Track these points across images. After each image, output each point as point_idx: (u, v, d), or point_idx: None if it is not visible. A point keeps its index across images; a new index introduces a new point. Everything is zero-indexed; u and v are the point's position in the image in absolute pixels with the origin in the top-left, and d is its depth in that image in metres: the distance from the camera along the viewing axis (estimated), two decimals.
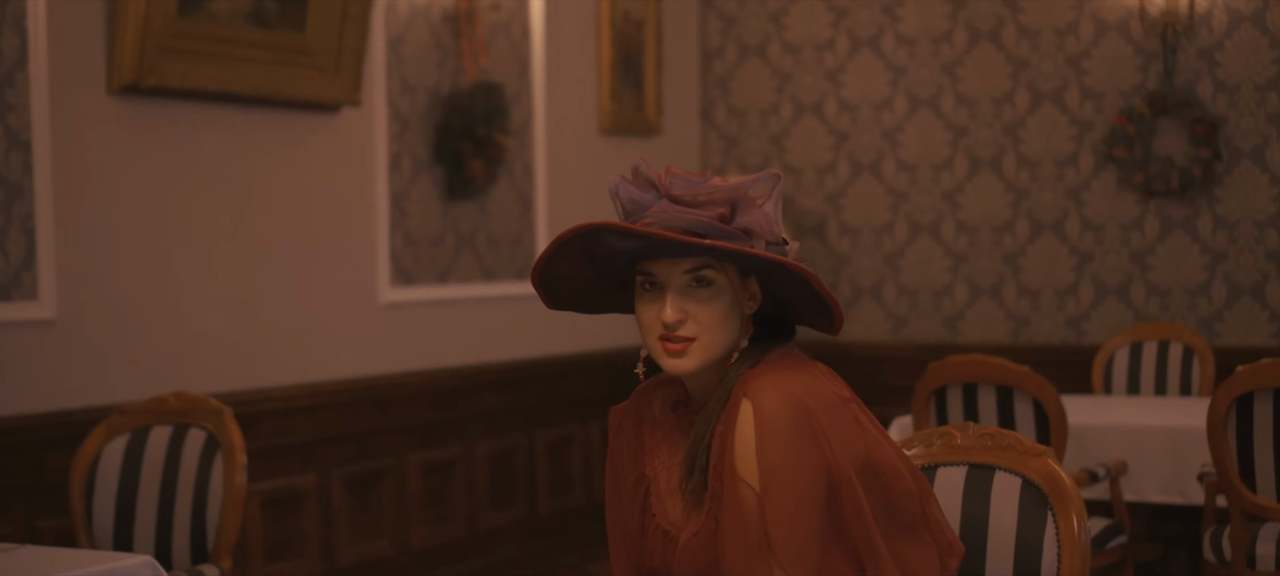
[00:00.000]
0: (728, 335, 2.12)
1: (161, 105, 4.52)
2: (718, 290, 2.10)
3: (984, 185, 6.32)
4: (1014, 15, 6.22)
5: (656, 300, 2.10)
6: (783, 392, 2.04)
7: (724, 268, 2.10)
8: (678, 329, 2.09)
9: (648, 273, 2.11)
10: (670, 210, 2.06)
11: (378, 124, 5.24)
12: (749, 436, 2.04)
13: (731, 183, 2.09)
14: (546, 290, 2.20)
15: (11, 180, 4.14)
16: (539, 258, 2.13)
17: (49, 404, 4.25)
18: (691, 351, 2.10)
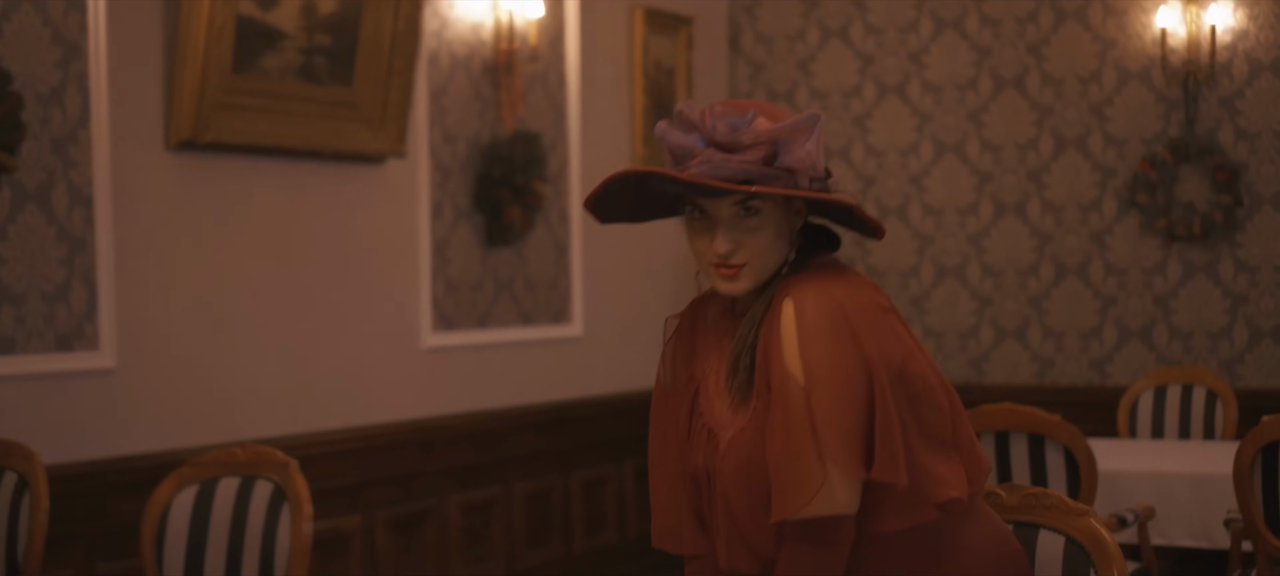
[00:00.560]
0: (776, 256, 2.22)
1: (216, 159, 4.67)
2: (764, 218, 2.19)
3: (1009, 229, 6.45)
4: (1038, 63, 6.36)
5: (706, 231, 2.20)
6: (822, 295, 2.14)
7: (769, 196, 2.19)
8: (730, 258, 2.19)
9: (697, 204, 2.21)
10: (715, 158, 2.16)
11: (421, 174, 5.38)
12: (792, 335, 2.14)
13: (773, 125, 2.18)
14: (598, 212, 2.31)
15: (74, 234, 4.29)
16: (590, 194, 2.25)
17: (109, 450, 4.39)
18: (743, 275, 2.21)
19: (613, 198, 2.27)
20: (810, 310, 2.14)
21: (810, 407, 2.11)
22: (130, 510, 4.36)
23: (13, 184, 4.13)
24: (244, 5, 4.58)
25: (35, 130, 4.17)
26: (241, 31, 4.59)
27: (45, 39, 4.20)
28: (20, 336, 4.17)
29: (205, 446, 4.56)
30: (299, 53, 4.82)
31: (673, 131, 2.21)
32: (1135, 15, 6.16)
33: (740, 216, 2.19)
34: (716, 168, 2.15)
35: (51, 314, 4.24)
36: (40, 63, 4.19)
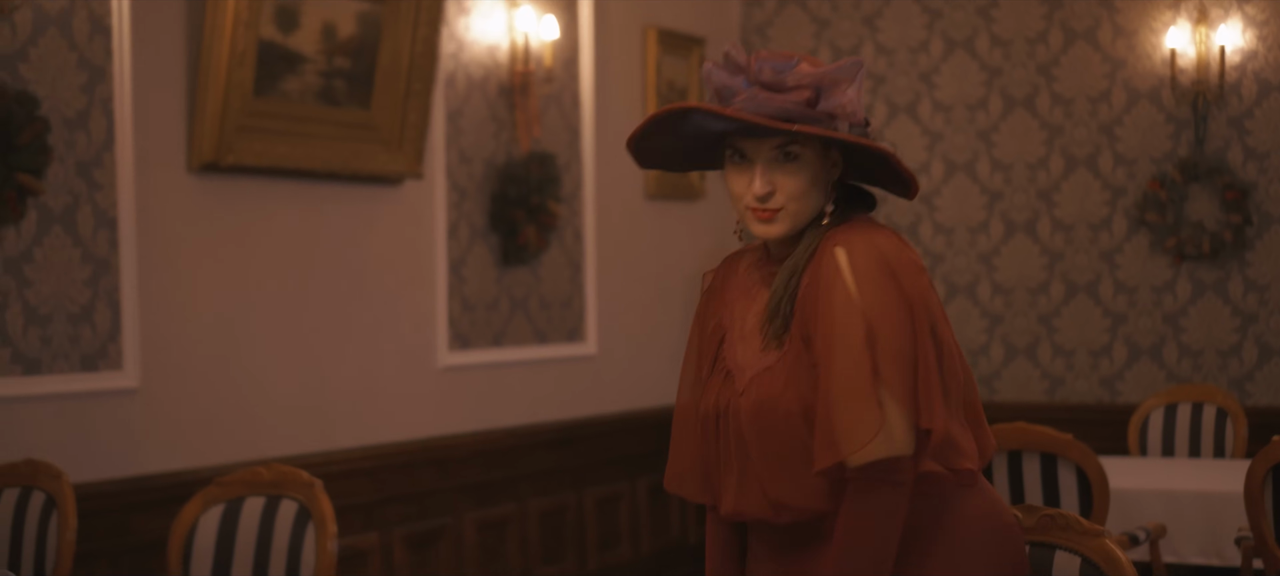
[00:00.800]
0: (813, 203, 2.27)
1: (237, 182, 4.74)
2: (803, 164, 2.24)
3: (1019, 248, 6.50)
4: (1048, 84, 6.41)
5: (746, 173, 2.25)
6: (870, 244, 2.20)
7: (809, 143, 2.24)
8: (767, 201, 2.24)
9: (737, 147, 2.26)
10: (759, 96, 2.20)
11: (437, 194, 5.44)
12: (844, 280, 2.18)
13: (817, 69, 2.23)
14: (639, 156, 2.36)
15: (99, 256, 4.35)
16: (634, 131, 2.29)
17: (132, 469, 4.45)
18: (779, 219, 2.25)
19: (653, 140, 2.32)
20: (860, 256, 2.19)
21: (872, 348, 2.16)
22: (153, 528, 4.42)
23: (39, 207, 4.19)
24: (265, 29, 4.65)
25: (61, 154, 4.23)
26: (263, 55, 4.65)
27: (71, 64, 4.27)
28: (46, 356, 4.22)
29: (225, 464, 4.62)
30: (319, 76, 4.88)
31: (718, 71, 2.25)
32: (1145, 36, 6.22)
33: (779, 160, 2.24)
34: (759, 105, 2.20)
35: (76, 334, 4.29)
36: (66, 87, 4.25)
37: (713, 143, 2.32)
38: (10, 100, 4.02)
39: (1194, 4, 6.10)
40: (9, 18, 4.10)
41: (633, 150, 2.35)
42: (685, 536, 6.67)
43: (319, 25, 4.85)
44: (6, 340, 4.14)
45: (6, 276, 4.13)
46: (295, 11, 4.77)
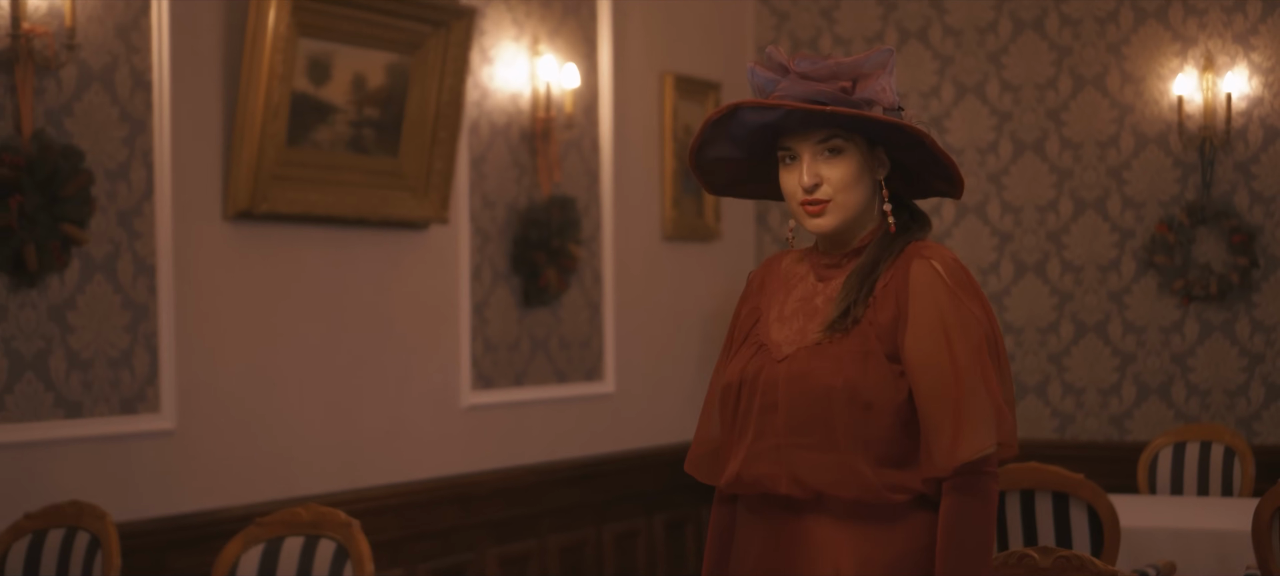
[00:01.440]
0: (860, 196, 2.42)
1: (271, 229, 4.88)
2: (848, 156, 2.40)
3: (1029, 288, 6.63)
4: (1057, 128, 6.55)
5: (795, 169, 2.41)
6: (955, 260, 2.41)
7: (852, 137, 2.39)
8: (814, 192, 2.39)
9: (787, 147, 2.41)
10: (798, 85, 2.37)
11: (461, 238, 5.58)
12: (951, 291, 2.36)
13: (852, 59, 2.41)
14: (705, 176, 2.53)
15: (138, 302, 4.49)
16: (692, 143, 2.47)
17: (169, 508, 4.58)
18: (828, 211, 2.40)
19: (712, 150, 2.48)
20: (954, 270, 2.39)
21: (985, 354, 2.36)
22: (189, 566, 4.56)
23: (82, 255, 4.33)
24: (299, 82, 4.80)
25: (103, 204, 4.37)
26: (295, 107, 4.80)
27: (113, 117, 4.42)
28: (87, 400, 4.36)
29: (258, 503, 4.75)
30: (349, 126, 5.03)
31: (760, 70, 2.43)
32: (1152, 82, 6.36)
33: (824, 154, 2.39)
34: (799, 93, 2.36)
35: (116, 378, 4.43)
36: (108, 139, 4.40)
37: (767, 149, 2.46)
38: (57, 154, 4.17)
39: (1201, 51, 6.25)
40: (55, 73, 4.25)
41: (695, 166, 2.51)
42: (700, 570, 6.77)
43: (350, 77, 5.00)
44: (50, 385, 4.27)
45: (51, 323, 4.27)
46: (327, 64, 4.92)
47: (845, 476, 2.37)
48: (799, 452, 2.39)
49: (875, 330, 2.38)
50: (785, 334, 2.46)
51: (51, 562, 3.85)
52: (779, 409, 2.40)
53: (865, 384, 2.37)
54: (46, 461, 4.27)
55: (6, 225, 4.08)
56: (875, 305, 2.39)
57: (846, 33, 6.97)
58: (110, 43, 4.41)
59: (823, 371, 2.38)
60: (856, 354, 2.38)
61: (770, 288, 2.54)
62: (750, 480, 2.43)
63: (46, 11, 4.21)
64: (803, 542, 2.42)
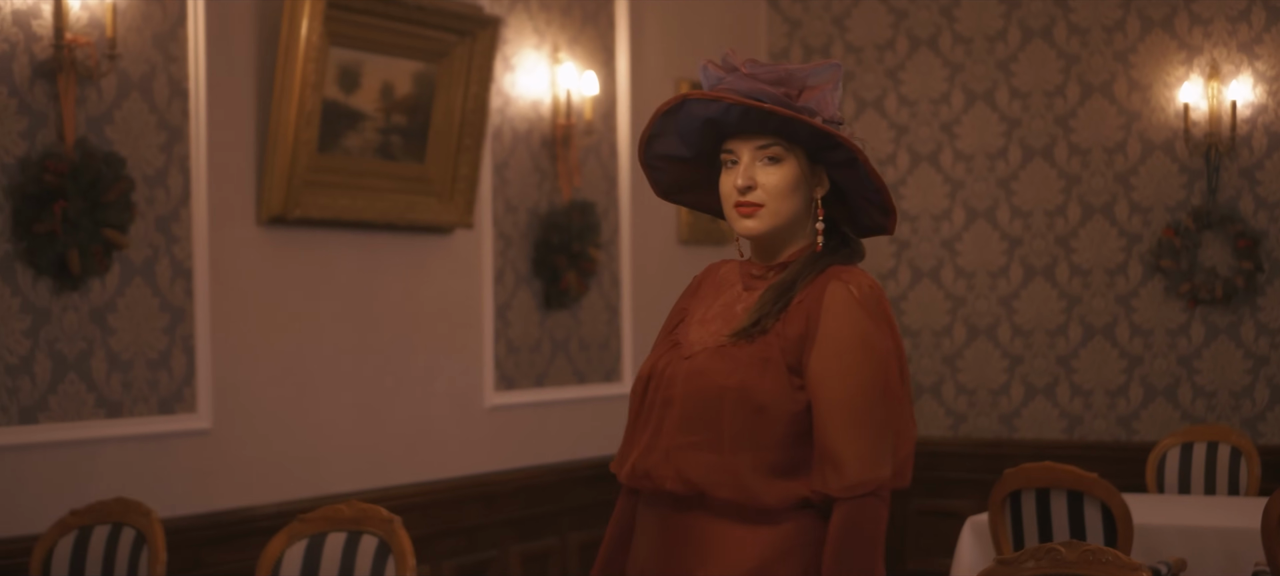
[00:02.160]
0: (792, 206, 2.45)
1: (302, 233, 4.99)
2: (786, 166, 2.42)
3: (1038, 292, 6.75)
4: (1066, 134, 6.67)
5: (734, 172, 2.44)
6: (872, 287, 2.44)
7: (793, 149, 2.43)
8: (748, 194, 2.43)
9: (729, 150, 2.45)
10: (743, 82, 2.41)
11: (484, 243, 5.70)
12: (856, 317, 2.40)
13: (800, 67, 2.44)
14: (652, 172, 2.56)
15: (176, 305, 4.61)
16: (642, 134, 2.50)
17: (205, 506, 4.69)
18: (760, 215, 2.43)
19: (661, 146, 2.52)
20: (868, 296, 2.42)
21: (877, 383, 2.40)
22: (224, 561, 4.67)
23: (123, 260, 4.45)
24: (329, 90, 4.92)
25: (142, 210, 4.49)
26: (326, 114, 4.92)
27: (152, 125, 4.53)
28: (127, 400, 4.48)
29: (289, 501, 4.87)
30: (377, 133, 5.15)
31: (712, 68, 2.47)
32: (1159, 90, 6.48)
33: (763, 160, 2.43)
34: (743, 91, 2.40)
35: (155, 379, 4.55)
36: (147, 147, 4.51)
37: (712, 152, 2.49)
38: (99, 161, 4.28)
39: (1206, 60, 6.37)
40: (96, 83, 4.37)
41: (644, 160, 2.54)
42: None
43: (378, 85, 5.11)
44: (92, 385, 4.39)
45: (92, 325, 4.38)
46: (357, 73, 5.04)
47: (724, 476, 2.41)
48: (686, 450, 2.42)
49: (780, 341, 2.42)
50: (700, 335, 2.50)
51: (97, 558, 3.96)
52: (674, 405, 2.45)
53: (760, 388, 2.41)
54: (88, 460, 4.38)
55: (50, 230, 4.19)
56: (786, 318, 2.43)
57: (858, 40, 7.09)
58: (148, 52, 4.53)
59: (719, 372, 2.42)
60: (757, 359, 2.42)
61: (704, 291, 2.59)
62: (642, 474, 2.47)
63: (87, 22, 4.32)
64: (686, 539, 2.45)
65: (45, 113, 4.26)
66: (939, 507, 6.91)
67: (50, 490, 4.27)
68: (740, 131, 2.43)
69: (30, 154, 4.21)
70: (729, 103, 2.40)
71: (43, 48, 4.24)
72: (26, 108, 4.22)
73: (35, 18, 4.24)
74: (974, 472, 6.82)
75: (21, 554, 4.06)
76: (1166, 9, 6.47)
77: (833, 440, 2.39)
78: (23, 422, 4.22)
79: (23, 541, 4.12)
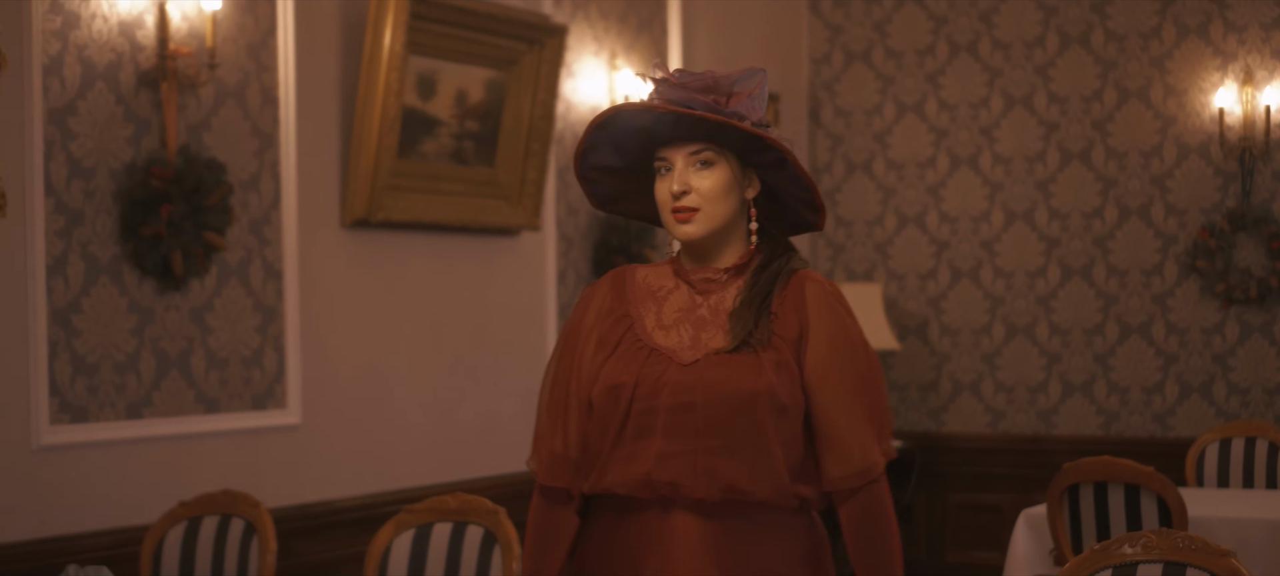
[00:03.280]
0: (727, 209, 2.51)
1: (383, 236, 5.18)
2: (718, 170, 2.50)
3: (1076, 292, 6.95)
4: (1103, 138, 6.87)
5: (669, 178, 2.51)
6: (836, 285, 2.59)
7: (724, 153, 2.50)
8: (682, 199, 2.50)
9: (663, 158, 2.52)
10: (673, 91, 2.50)
11: (548, 244, 5.89)
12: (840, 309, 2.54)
13: (727, 74, 2.52)
14: (589, 184, 2.61)
15: (268, 305, 4.79)
16: (578, 147, 2.56)
17: (294, 498, 4.87)
18: (696, 220, 2.50)
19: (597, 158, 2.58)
20: (841, 294, 2.57)
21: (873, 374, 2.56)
22: (310, 551, 4.86)
23: (220, 262, 4.63)
24: (408, 97, 5.10)
25: (237, 213, 4.67)
26: (405, 121, 5.10)
27: (246, 132, 4.72)
28: (224, 396, 4.66)
29: (369, 494, 5.06)
30: (451, 138, 5.33)
31: (644, 79, 2.58)
32: (1194, 95, 6.68)
33: (696, 165, 2.50)
34: (673, 99, 2.49)
35: (249, 376, 4.74)
36: (242, 153, 4.70)
37: (646, 161, 2.56)
38: (201, 167, 4.47)
39: (1240, 66, 6.57)
40: (196, 92, 4.55)
41: (580, 173, 2.59)
42: None
43: (453, 92, 5.30)
44: (191, 382, 4.58)
45: (192, 325, 4.57)
46: (434, 81, 5.22)
47: (764, 477, 2.47)
48: (717, 455, 2.46)
49: (787, 344, 2.50)
50: (678, 341, 2.53)
51: (207, 548, 4.14)
52: (697, 410, 2.47)
53: (783, 389, 2.48)
54: (189, 454, 4.57)
55: (156, 233, 4.38)
56: (779, 321, 2.51)
57: (898, 45, 7.28)
58: (243, 61, 4.71)
59: (743, 377, 2.47)
60: (774, 363, 2.49)
61: (634, 297, 2.59)
62: (663, 482, 2.46)
63: (187, 32, 4.51)
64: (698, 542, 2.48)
65: (149, 120, 4.44)
66: (978, 502, 7.12)
67: (154, 482, 4.45)
68: (673, 138, 2.50)
69: (136, 160, 4.39)
70: (661, 111, 2.47)
71: (146, 57, 4.42)
72: (132, 115, 4.40)
73: (139, 29, 4.42)
74: (1012, 468, 7.03)
75: (132, 543, 4.25)
76: (1202, 16, 6.66)
77: (837, 434, 2.50)
78: (129, 418, 4.41)
79: (132, 531, 4.31)
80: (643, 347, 2.53)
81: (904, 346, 7.25)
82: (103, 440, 4.33)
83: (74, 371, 4.27)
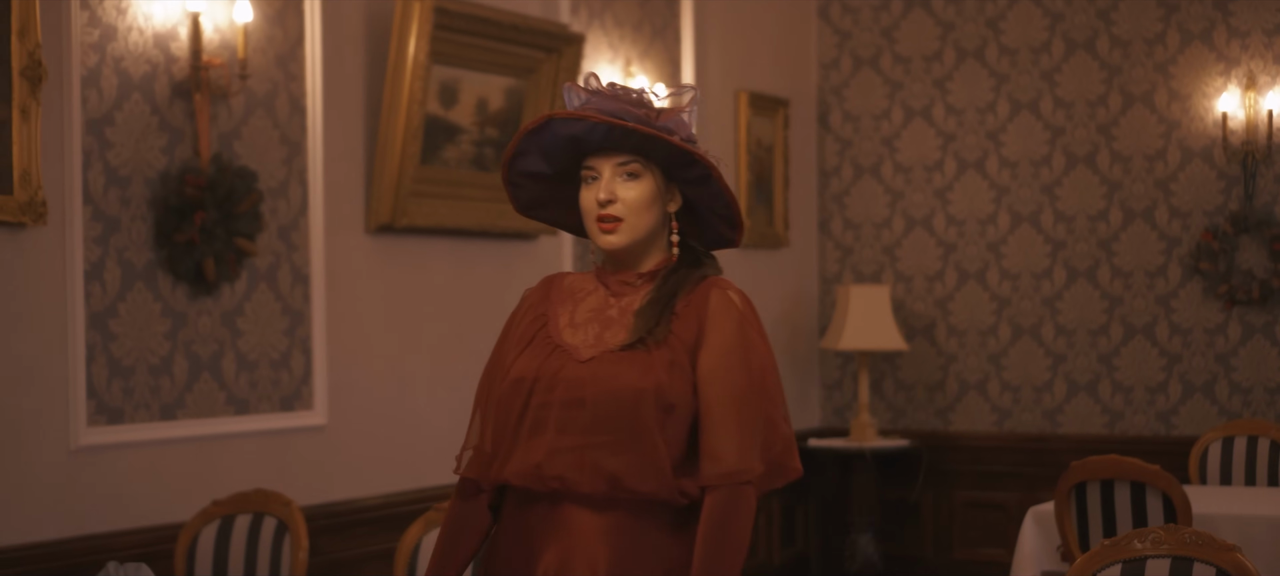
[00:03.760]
0: (650, 220, 2.59)
1: (406, 241, 5.31)
2: (644, 182, 2.57)
3: (1080, 293, 7.07)
4: (1108, 143, 6.99)
5: (595, 187, 2.57)
6: (746, 298, 2.62)
7: (650, 166, 2.58)
8: (608, 208, 2.56)
9: (590, 166, 2.58)
10: (606, 103, 2.56)
11: (564, 248, 6.01)
12: (739, 322, 2.57)
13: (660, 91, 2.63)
14: (514, 188, 2.67)
15: (295, 309, 4.92)
16: (507, 152, 2.62)
17: (321, 497, 5.00)
18: (620, 230, 2.57)
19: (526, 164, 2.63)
20: (746, 304, 2.61)
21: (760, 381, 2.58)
22: (336, 548, 4.98)
23: (250, 267, 4.76)
24: (431, 105, 5.23)
25: (266, 219, 4.80)
26: (428, 128, 5.22)
27: (275, 140, 4.84)
28: (253, 398, 4.79)
29: (392, 493, 5.18)
30: (472, 145, 5.46)
31: (575, 89, 2.61)
32: (1198, 100, 6.80)
33: (623, 176, 2.57)
34: (605, 110, 2.56)
35: (277, 378, 4.86)
36: (271, 160, 4.83)
37: (573, 169, 2.62)
38: (232, 175, 4.59)
39: (1243, 71, 6.69)
40: (227, 101, 4.68)
41: (507, 177, 2.65)
42: (771, 557, 7.23)
43: (474, 100, 5.42)
44: (222, 384, 4.70)
45: (223, 328, 4.70)
46: (455, 89, 5.35)
47: (647, 473, 2.52)
48: (603, 450, 2.51)
49: (682, 345, 2.56)
50: (583, 339, 2.60)
51: (241, 545, 4.27)
52: (586, 406, 2.53)
53: (671, 388, 2.53)
54: (220, 454, 4.69)
55: (190, 239, 4.50)
56: (678, 323, 2.57)
57: (906, 51, 7.40)
58: (272, 72, 4.83)
59: (632, 374, 2.53)
60: (666, 362, 2.54)
61: (554, 299, 2.68)
62: (551, 475, 2.53)
63: (219, 44, 4.63)
64: (586, 536, 2.54)
65: (182, 129, 4.56)
66: (985, 499, 7.25)
67: (188, 482, 4.58)
68: (602, 149, 2.57)
69: (170, 168, 4.52)
70: (594, 121, 2.54)
71: (180, 68, 4.55)
72: (166, 125, 4.53)
73: (173, 40, 4.54)
74: (1018, 466, 7.15)
75: (167, 541, 4.37)
76: (1205, 22, 6.79)
77: (714, 434, 2.54)
78: (163, 419, 4.53)
79: (167, 529, 4.44)
80: (549, 344, 2.61)
81: (912, 347, 7.37)
82: (138, 441, 4.46)
83: (110, 374, 4.39)
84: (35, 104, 4.11)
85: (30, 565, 4.13)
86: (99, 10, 4.37)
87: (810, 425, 7.54)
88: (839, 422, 7.57)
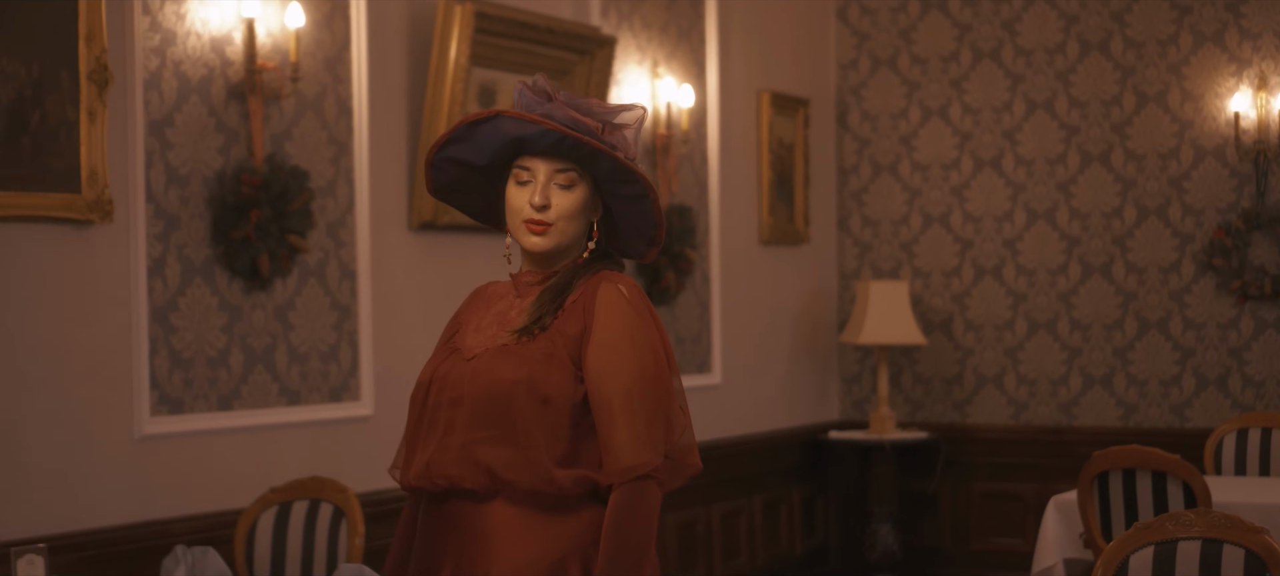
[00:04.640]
0: (577, 228, 2.60)
1: (445, 237, 5.47)
2: (577, 192, 2.58)
3: (1096, 288, 7.24)
4: (1122, 141, 7.16)
5: (528, 188, 2.58)
6: (638, 290, 2.63)
7: (585, 177, 2.59)
8: (543, 213, 2.57)
9: (526, 166, 2.59)
10: (561, 111, 2.57)
11: None
12: (630, 315, 2.56)
13: (608, 106, 2.63)
14: (433, 169, 2.64)
15: (343, 304, 5.08)
16: (441, 137, 2.61)
17: (368, 486, 5.16)
18: (549, 234, 2.58)
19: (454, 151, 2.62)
20: (638, 297, 2.61)
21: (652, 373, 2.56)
22: (384, 535, 5.13)
23: (301, 263, 4.92)
24: (471, 106, 5.38)
25: (316, 217, 4.96)
26: None
27: (323, 141, 5.00)
28: (304, 389, 4.95)
29: None
30: None
31: (527, 92, 2.62)
32: (1210, 99, 6.97)
33: (558, 184, 2.58)
34: (560, 119, 2.57)
35: (326, 370, 5.02)
36: (320, 160, 4.99)
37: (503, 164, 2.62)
38: (286, 174, 4.75)
39: (1255, 72, 6.86)
40: (279, 103, 4.84)
41: (430, 159, 2.63)
42: (793, 547, 7.39)
43: (511, 101, 5.57)
44: (275, 376, 4.86)
45: (276, 322, 4.86)
46: (493, 90, 5.51)
47: (522, 465, 2.53)
48: (481, 445, 2.53)
49: (562, 338, 2.56)
50: (478, 339, 2.63)
51: (298, 530, 4.43)
52: (464, 403, 2.55)
53: (546, 380, 2.53)
54: (273, 443, 4.86)
55: (245, 236, 4.66)
56: (564, 316, 2.58)
57: (923, 52, 7.57)
58: (320, 74, 4.99)
59: (506, 368, 2.54)
60: (542, 354, 2.55)
61: (474, 305, 2.73)
62: (439, 474, 2.56)
63: (271, 48, 4.79)
64: (478, 532, 2.56)
65: (237, 131, 4.73)
66: (1001, 490, 7.41)
67: (243, 470, 4.74)
68: (544, 153, 2.57)
69: (226, 168, 4.68)
70: (546, 127, 2.55)
71: (236, 71, 4.71)
72: (222, 126, 4.69)
73: (228, 45, 4.70)
74: (1035, 458, 7.32)
75: (225, 526, 4.54)
76: (1218, 24, 6.95)
77: (609, 429, 2.53)
78: (220, 409, 4.70)
79: (226, 515, 4.60)
80: (449, 348, 2.67)
81: (930, 341, 7.54)
82: (198, 430, 4.62)
83: (172, 366, 4.55)
84: (102, 106, 4.27)
85: (99, 548, 4.29)
86: (160, 15, 4.53)
87: (830, 418, 7.71)
88: (858, 415, 7.73)
